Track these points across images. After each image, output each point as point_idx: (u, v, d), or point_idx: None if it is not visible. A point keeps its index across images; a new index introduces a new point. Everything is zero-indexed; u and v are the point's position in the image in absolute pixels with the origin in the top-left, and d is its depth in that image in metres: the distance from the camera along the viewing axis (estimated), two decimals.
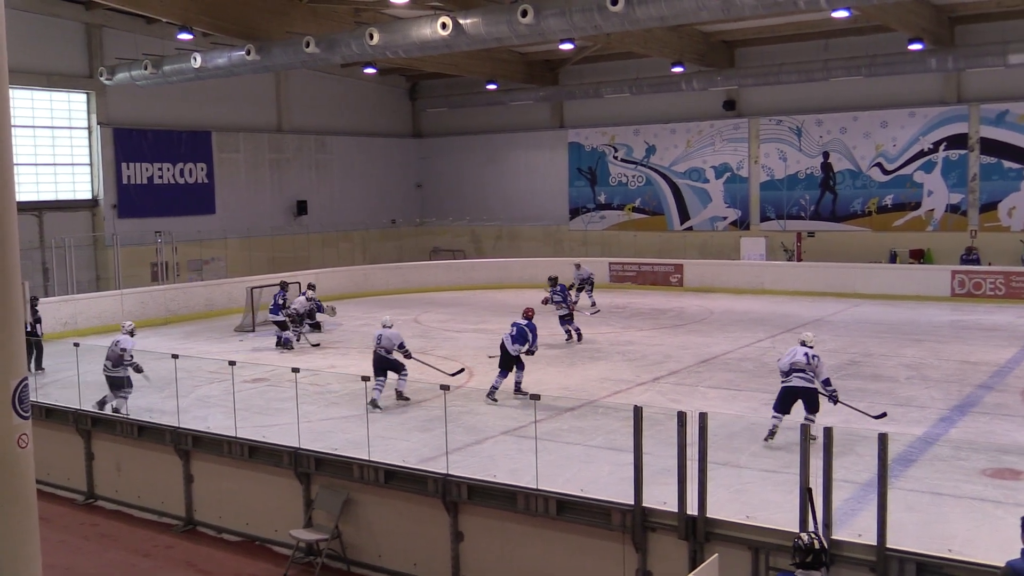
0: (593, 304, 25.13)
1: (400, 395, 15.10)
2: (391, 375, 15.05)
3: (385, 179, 38.50)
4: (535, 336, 15.47)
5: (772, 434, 12.04)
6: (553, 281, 21.28)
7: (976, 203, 28.79)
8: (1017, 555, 6.10)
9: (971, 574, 7.05)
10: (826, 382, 12.15)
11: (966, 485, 10.68)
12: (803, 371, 12.00)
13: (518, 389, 15.12)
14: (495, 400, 14.82)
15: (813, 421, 11.37)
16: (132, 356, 14.05)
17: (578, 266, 26.38)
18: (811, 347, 12.26)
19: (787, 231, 31.64)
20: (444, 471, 9.75)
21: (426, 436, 12.38)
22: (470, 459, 11.30)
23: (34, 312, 18.79)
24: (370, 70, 32.85)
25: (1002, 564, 6.22)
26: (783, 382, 12.23)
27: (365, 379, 12.63)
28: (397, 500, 10.11)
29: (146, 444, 12.29)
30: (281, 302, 21.20)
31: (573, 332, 20.85)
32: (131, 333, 14.50)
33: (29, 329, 18.44)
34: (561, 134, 36.56)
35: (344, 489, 10.38)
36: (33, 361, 17.97)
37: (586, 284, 25.89)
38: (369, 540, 10.32)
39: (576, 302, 23.87)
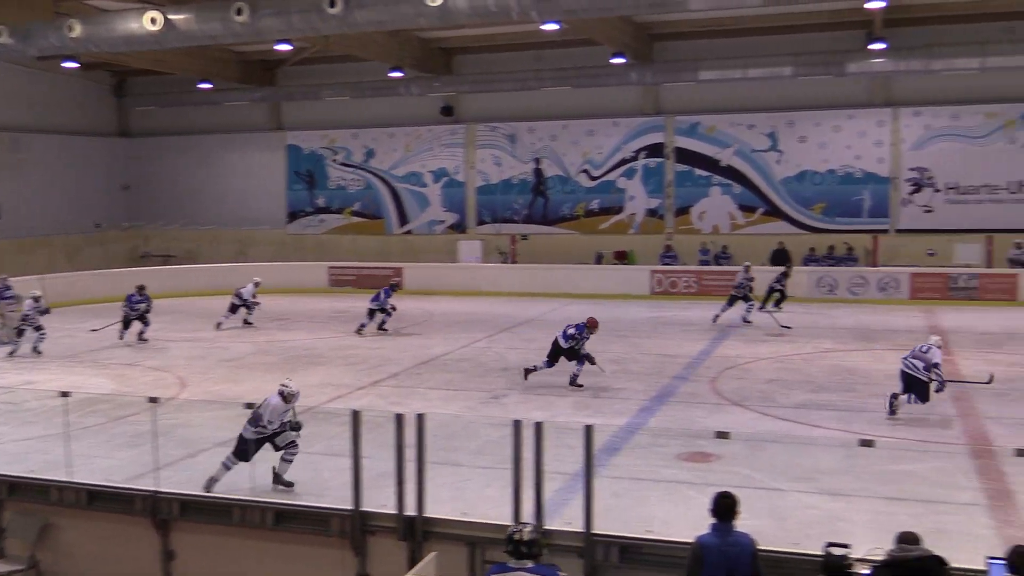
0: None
1: None
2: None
3: (88, 181, 36.03)
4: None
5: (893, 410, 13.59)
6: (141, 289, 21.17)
7: (672, 207, 31.04)
8: (707, 530, 6.68)
9: (668, 551, 7.58)
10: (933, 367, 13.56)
11: (664, 469, 11.49)
12: (916, 358, 13.58)
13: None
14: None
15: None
16: None
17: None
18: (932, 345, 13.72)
19: (502, 234, 32.70)
20: (153, 488, 9.30)
21: (133, 452, 11.73)
22: (182, 473, 10.83)
23: None
24: (71, 64, 30.62)
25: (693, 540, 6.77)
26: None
27: (64, 395, 11.77)
28: (102, 522, 9.52)
29: None
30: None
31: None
32: None
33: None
34: (279, 136, 35.80)
35: (41, 514, 9.66)
36: None
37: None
38: (71, 566, 9.65)
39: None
